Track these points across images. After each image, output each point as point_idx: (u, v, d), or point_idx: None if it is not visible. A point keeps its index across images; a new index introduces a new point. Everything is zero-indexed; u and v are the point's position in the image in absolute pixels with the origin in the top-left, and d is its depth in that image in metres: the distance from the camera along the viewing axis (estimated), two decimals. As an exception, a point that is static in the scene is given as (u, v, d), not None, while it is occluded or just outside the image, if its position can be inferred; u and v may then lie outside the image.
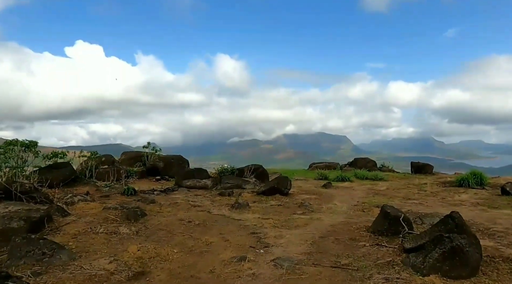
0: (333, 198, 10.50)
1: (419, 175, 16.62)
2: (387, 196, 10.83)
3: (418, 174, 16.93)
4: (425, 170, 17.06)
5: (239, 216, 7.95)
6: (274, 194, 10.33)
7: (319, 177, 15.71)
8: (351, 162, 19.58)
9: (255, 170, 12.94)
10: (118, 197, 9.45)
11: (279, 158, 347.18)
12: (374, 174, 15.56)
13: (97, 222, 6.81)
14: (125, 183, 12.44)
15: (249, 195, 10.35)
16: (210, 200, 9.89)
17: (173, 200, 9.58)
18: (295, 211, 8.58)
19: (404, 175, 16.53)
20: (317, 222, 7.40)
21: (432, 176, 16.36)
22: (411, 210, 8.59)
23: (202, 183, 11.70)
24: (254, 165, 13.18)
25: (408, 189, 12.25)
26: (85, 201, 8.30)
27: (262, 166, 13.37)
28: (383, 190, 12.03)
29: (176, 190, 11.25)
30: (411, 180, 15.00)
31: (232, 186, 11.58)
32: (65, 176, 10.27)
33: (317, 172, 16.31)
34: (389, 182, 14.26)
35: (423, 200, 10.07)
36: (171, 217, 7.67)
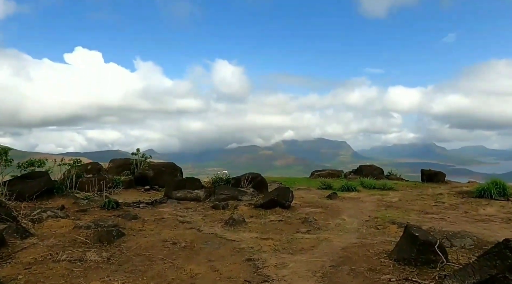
0: (340, 211, 9.35)
1: (431, 184, 15.48)
2: (401, 209, 9.67)
3: (429, 182, 15.80)
4: (437, 178, 15.92)
5: (234, 235, 6.80)
6: (274, 207, 9.18)
7: (322, 186, 14.57)
8: (356, 170, 18.45)
9: (253, 179, 11.81)
10: (97, 212, 8.30)
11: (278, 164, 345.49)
12: (383, 183, 14.42)
13: (62, 245, 5.66)
14: (110, 193, 11.30)
15: (246, 208, 9.20)
16: (202, 214, 8.73)
17: (160, 215, 8.43)
18: (298, 229, 7.42)
19: (414, 184, 15.40)
20: (326, 244, 6.24)
21: (446, 185, 15.22)
22: (433, 227, 7.44)
23: (194, 194, 10.55)
24: (251, 174, 12.05)
25: (423, 200, 11.10)
26: (56, 218, 7.14)
27: (261, 175, 12.25)
28: (395, 202, 10.88)
29: (164, 202, 10.10)
30: (423, 189, 13.87)
31: (227, 197, 10.43)
32: (39, 187, 9.11)
33: (321, 181, 15.18)
34: (400, 192, 13.11)
35: (444, 214, 8.92)
36: (153, 237, 6.51)
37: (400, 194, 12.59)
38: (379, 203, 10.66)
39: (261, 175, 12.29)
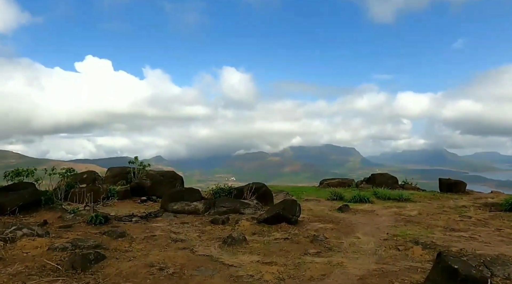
0: (354, 227, 8.33)
1: (451, 194, 14.28)
2: (422, 225, 8.60)
3: (449, 192, 14.59)
4: (457, 188, 14.68)
5: (232, 258, 5.87)
6: (279, 222, 8.22)
7: (332, 197, 13.53)
8: (368, 178, 17.31)
9: (256, 189, 10.88)
10: (82, 228, 7.47)
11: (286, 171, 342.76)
12: (398, 193, 13.30)
13: (27, 273, 4.82)
14: (104, 205, 10.52)
15: (248, 224, 8.26)
16: (199, 231, 7.83)
17: (151, 231, 7.56)
18: (307, 249, 6.45)
19: (433, 194, 14.22)
20: (340, 271, 5.26)
21: (467, 196, 14.01)
22: (464, 249, 6.38)
23: (192, 207, 9.67)
24: (255, 184, 11.12)
25: (446, 214, 9.99)
26: (32, 236, 6.33)
27: (265, 185, 11.30)
28: (414, 216, 9.79)
29: (159, 215, 9.23)
30: (444, 200, 12.71)
31: (228, 210, 9.52)
32: (23, 200, 8.37)
33: (330, 191, 14.14)
34: (418, 204, 11.99)
35: (473, 231, 7.82)
36: (139, 260, 5.63)
37: (419, 206, 11.46)
38: (397, 217, 9.59)
39: (265, 185, 11.34)
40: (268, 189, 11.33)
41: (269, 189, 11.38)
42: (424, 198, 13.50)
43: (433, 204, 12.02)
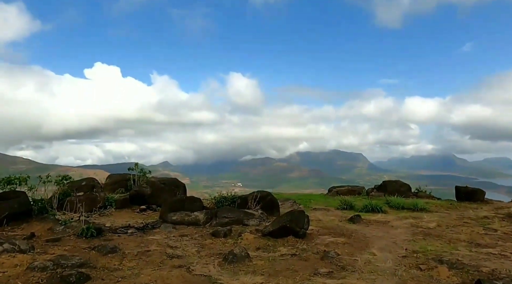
0: (368, 241, 7.59)
1: (469, 203, 13.39)
2: (443, 239, 7.81)
3: (467, 201, 13.69)
4: (475, 196, 13.76)
5: (232, 279, 5.21)
6: (285, 236, 7.54)
7: (342, 206, 12.76)
8: (379, 186, 16.47)
9: (261, 198, 10.20)
10: (71, 241, 6.89)
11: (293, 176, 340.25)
12: (413, 202, 12.47)
13: (-4, 299, 4.24)
14: (100, 215, 9.96)
15: (252, 237, 7.59)
16: (198, 245, 7.18)
17: (146, 245, 6.93)
18: (317, 269, 5.75)
19: (450, 204, 13.32)
20: (356, 298, 4.55)
21: (487, 205, 13.10)
22: (497, 270, 5.61)
23: (193, 217, 9.03)
24: (260, 192, 10.45)
25: (468, 226, 9.17)
26: (13, 252, 5.76)
27: (271, 194, 10.62)
28: (433, 228, 8.99)
29: (157, 227, 8.62)
30: (463, 210, 11.85)
31: (231, 221, 8.86)
32: (12, 210, 7.85)
33: (340, 199, 13.37)
34: (435, 214, 11.15)
35: (502, 247, 7.02)
36: (128, 281, 5.01)
37: (437, 217, 10.63)
38: (414, 230, 8.80)
39: (271, 193, 10.66)
40: (274, 197, 10.63)
41: (274, 197, 10.68)
42: (440, 208, 12.63)
43: (451, 214, 11.16)
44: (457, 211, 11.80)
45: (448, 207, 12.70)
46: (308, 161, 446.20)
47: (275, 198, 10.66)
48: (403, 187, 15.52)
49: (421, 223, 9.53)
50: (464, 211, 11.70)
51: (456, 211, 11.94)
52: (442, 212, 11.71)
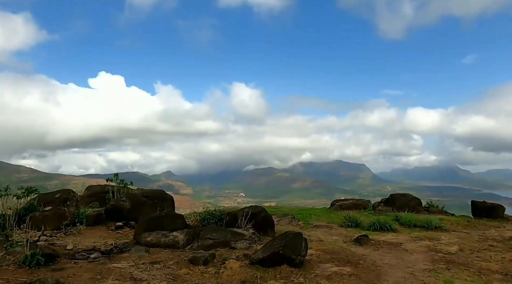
0: (380, 272, 6.18)
1: (488, 221, 11.91)
2: (471, 269, 6.39)
3: (485, 218, 12.21)
4: (494, 212, 12.27)
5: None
6: (279, 264, 6.17)
7: (347, 223, 11.35)
8: (386, 199, 15.01)
9: (253, 215, 8.84)
10: (9, 272, 5.54)
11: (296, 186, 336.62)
12: (425, 219, 11.02)
13: None
14: (66, 233, 8.63)
15: (237, 266, 6.22)
16: (170, 276, 5.82)
17: (103, 277, 5.57)
18: (315, 315, 4.37)
19: (467, 221, 11.84)
20: None
21: (509, 223, 11.61)
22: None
23: (171, 238, 7.68)
24: (252, 208, 9.11)
25: (495, 250, 7.73)
26: None
27: (265, 210, 9.25)
28: (455, 253, 7.56)
29: (127, 250, 7.26)
30: (484, 229, 10.39)
31: (216, 243, 7.50)
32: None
33: (344, 215, 11.95)
34: (454, 234, 9.69)
35: (550, 283, 5.58)
36: None
37: (456, 237, 9.18)
38: (433, 255, 7.38)
39: (265, 209, 9.26)
40: (268, 214, 9.24)
41: (269, 214, 9.29)
42: (457, 226, 11.16)
43: (472, 234, 9.70)
44: (478, 230, 10.33)
45: (466, 225, 11.22)
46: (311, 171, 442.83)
47: (269, 215, 9.29)
48: (412, 201, 14.05)
49: (440, 246, 8.10)
50: (485, 230, 10.24)
51: (476, 230, 10.47)
52: (460, 231, 10.24)
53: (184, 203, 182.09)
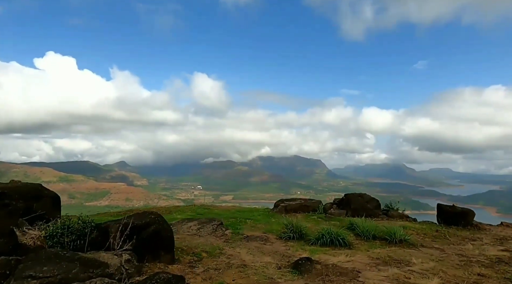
0: None
1: (458, 229, 9.82)
2: None
3: (453, 225, 10.13)
4: (464, 219, 10.19)
5: None
6: None
7: (288, 232, 8.48)
8: (340, 200, 12.49)
9: (138, 229, 5.49)
10: None
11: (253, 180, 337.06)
12: (388, 230, 8.50)
13: None
14: None
15: None
16: None
17: None
18: None
19: (436, 231, 9.56)
20: None
21: (482, 232, 9.59)
22: None
23: None
24: (138, 217, 5.76)
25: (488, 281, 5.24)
26: None
27: (158, 221, 5.90)
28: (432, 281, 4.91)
29: None
30: (457, 243, 8.12)
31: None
32: None
33: (287, 221, 9.05)
34: (425, 252, 7.21)
35: None
36: None
37: (430, 259, 6.67)
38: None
39: (158, 220, 5.89)
40: (163, 226, 5.89)
41: (164, 227, 5.93)
42: (424, 237, 8.83)
43: (447, 253, 7.30)
44: (452, 246, 8.02)
45: (435, 237, 8.93)
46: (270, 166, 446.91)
47: (165, 228, 5.95)
48: (370, 203, 11.66)
49: (414, 279, 5.44)
50: (461, 246, 7.96)
51: (450, 244, 8.16)
52: (431, 247, 7.83)
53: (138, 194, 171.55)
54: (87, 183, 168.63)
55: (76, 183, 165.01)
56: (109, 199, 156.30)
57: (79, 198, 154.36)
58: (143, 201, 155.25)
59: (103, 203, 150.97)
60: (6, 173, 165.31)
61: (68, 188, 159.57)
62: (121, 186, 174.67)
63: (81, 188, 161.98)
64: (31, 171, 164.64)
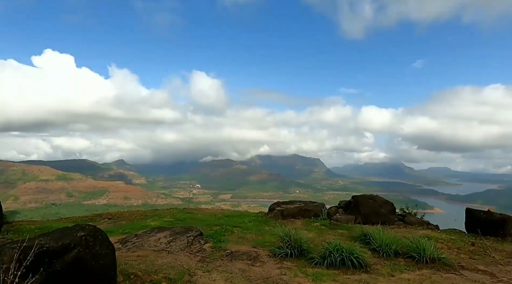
0: None
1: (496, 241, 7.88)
2: None
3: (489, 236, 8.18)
4: (504, 229, 8.22)
5: None
6: None
7: (284, 247, 6.51)
8: (347, 203, 10.47)
9: (49, 256, 3.50)
10: None
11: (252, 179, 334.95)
12: (414, 244, 6.56)
13: None
14: None
15: None
16: None
17: None
18: None
19: (471, 243, 7.61)
20: None
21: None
22: None
23: None
24: (52, 236, 3.77)
25: None
26: None
27: (86, 241, 3.82)
28: None
29: None
30: (504, 260, 6.21)
31: None
32: None
33: (282, 233, 7.05)
34: (466, 275, 5.28)
35: None
36: None
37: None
38: None
39: (87, 241, 3.93)
40: (97, 251, 3.91)
41: (100, 250, 3.96)
42: (459, 253, 6.89)
43: (499, 277, 5.38)
44: (500, 265, 6.09)
45: (472, 252, 6.98)
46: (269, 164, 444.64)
47: (97, 253, 3.93)
48: (384, 206, 9.65)
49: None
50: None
51: (496, 263, 6.24)
52: (474, 269, 5.90)
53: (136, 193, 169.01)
54: (85, 182, 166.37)
55: (74, 182, 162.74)
56: (107, 197, 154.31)
57: (77, 197, 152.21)
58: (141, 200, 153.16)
59: (101, 202, 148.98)
60: (5, 171, 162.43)
61: (66, 186, 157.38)
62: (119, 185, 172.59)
63: (79, 186, 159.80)
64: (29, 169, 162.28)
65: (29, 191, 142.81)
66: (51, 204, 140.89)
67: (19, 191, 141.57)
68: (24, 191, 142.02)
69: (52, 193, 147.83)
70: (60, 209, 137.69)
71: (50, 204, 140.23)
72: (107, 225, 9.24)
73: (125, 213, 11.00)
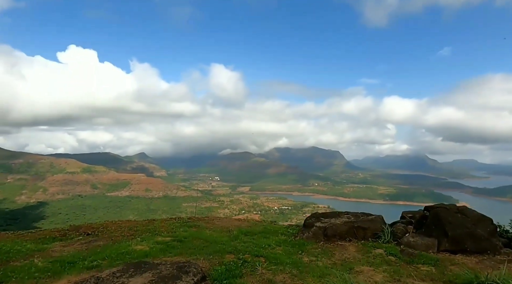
0: None
1: None
2: None
3: None
4: None
5: None
6: None
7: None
8: (421, 218, 6.99)
9: None
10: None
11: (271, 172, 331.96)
12: None
13: None
14: None
15: None
16: None
17: None
18: None
19: None
20: None
21: None
22: None
23: None
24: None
25: None
26: None
27: None
28: None
29: None
30: None
31: None
32: None
33: (337, 274, 4.02)
34: None
35: None
36: None
37: None
38: None
39: None
40: None
41: None
42: None
43: None
44: None
45: None
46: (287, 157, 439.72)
47: None
48: (480, 225, 6.24)
49: None
50: None
51: None
52: None
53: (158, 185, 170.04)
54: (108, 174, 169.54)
55: (98, 174, 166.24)
56: (130, 189, 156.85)
57: (101, 189, 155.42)
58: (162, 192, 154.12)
59: (124, 193, 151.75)
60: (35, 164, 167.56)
61: (91, 178, 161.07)
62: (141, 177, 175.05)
63: (103, 178, 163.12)
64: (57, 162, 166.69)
65: (56, 183, 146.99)
66: (77, 195, 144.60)
67: (48, 183, 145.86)
68: (52, 183, 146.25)
69: (78, 185, 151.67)
70: (86, 200, 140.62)
71: (76, 196, 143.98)
72: (78, 246, 6.57)
73: (111, 226, 8.29)
